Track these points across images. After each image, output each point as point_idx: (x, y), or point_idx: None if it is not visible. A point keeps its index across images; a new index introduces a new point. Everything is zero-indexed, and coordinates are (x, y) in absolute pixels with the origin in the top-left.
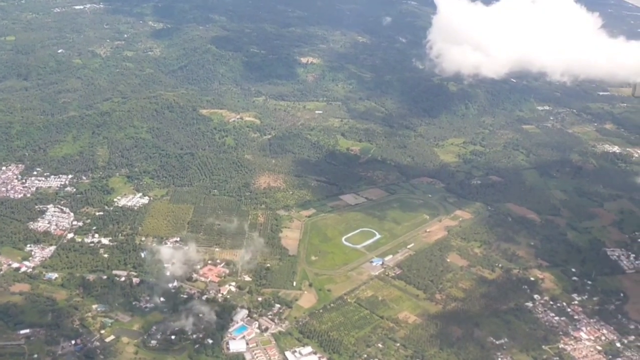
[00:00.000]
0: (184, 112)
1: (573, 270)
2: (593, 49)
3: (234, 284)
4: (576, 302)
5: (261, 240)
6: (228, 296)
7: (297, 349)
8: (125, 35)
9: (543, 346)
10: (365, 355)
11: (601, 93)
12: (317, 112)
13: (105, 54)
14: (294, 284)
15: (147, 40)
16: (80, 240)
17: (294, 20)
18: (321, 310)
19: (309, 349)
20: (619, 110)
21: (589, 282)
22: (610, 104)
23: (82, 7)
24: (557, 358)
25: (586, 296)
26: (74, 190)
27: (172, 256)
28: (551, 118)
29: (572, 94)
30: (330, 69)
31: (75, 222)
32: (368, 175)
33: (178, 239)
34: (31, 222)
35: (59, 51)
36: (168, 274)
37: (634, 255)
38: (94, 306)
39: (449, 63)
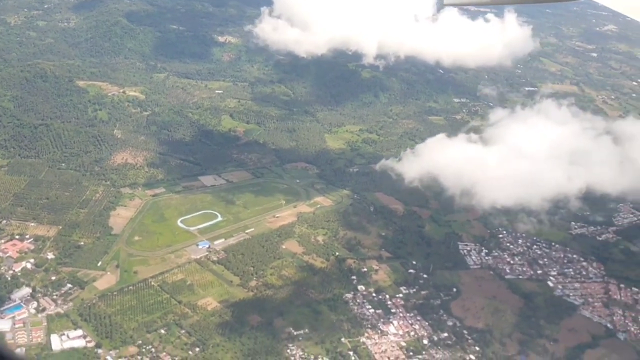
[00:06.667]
0: (59, 82)
1: (414, 262)
2: (420, 34)
3: (32, 260)
4: (401, 295)
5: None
6: (19, 273)
7: (65, 332)
8: (46, 6)
9: (342, 339)
10: (140, 341)
11: (528, 88)
12: (217, 91)
13: (16, 23)
14: (99, 264)
15: (67, 11)
16: None
17: (233, 1)
18: (115, 293)
19: (79, 332)
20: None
21: (425, 276)
22: (532, 99)
23: None
24: (352, 352)
25: (415, 290)
26: None
27: None
28: (464, 110)
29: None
30: (249, 50)
31: None
32: (241, 158)
33: None
34: None
35: None
36: None
37: (486, 250)
38: None
39: (261, 40)
